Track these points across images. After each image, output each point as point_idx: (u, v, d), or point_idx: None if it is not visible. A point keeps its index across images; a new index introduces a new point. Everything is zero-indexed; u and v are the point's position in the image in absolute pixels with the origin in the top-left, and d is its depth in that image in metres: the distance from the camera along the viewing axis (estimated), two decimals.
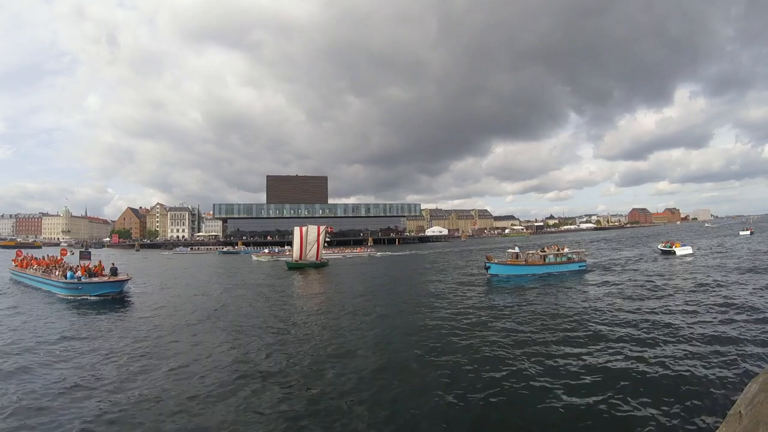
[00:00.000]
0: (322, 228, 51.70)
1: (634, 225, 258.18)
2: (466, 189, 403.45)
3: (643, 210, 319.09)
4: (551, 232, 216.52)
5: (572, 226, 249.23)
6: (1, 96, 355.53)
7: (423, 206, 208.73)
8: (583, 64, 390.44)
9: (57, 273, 29.00)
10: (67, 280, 26.60)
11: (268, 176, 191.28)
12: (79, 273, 27.01)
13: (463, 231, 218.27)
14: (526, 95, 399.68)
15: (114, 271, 28.07)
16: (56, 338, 15.97)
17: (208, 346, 14.23)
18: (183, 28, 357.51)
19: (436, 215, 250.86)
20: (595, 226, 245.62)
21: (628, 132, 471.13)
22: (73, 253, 36.45)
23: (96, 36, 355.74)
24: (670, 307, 18.23)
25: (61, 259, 33.69)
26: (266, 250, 77.92)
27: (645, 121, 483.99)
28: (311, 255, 49.50)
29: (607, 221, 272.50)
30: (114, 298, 25.58)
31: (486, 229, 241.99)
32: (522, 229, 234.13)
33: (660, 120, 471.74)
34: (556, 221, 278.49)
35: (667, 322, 15.52)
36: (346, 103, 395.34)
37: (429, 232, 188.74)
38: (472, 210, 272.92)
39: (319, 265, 48.65)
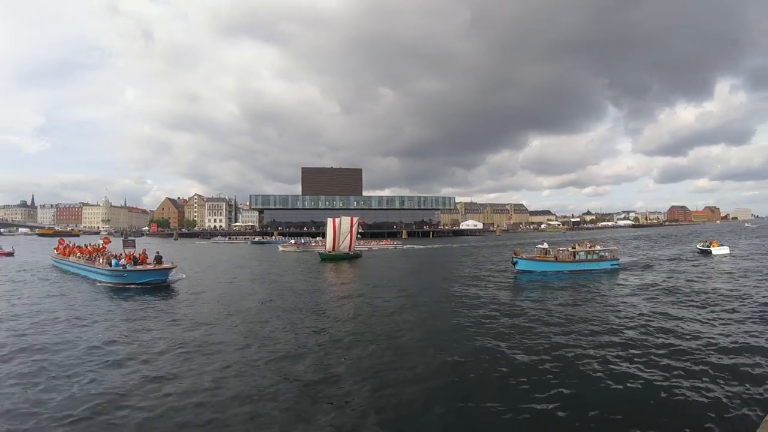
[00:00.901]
0: (355, 220, 51.65)
1: (673, 223, 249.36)
2: (501, 182, 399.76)
3: (682, 208, 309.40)
4: (588, 229, 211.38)
5: (609, 223, 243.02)
6: (39, 90, 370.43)
7: (457, 200, 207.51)
8: (619, 56, 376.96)
9: (101, 261, 29.34)
10: (112, 268, 26.67)
11: (303, 168, 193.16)
12: (123, 261, 27.03)
13: (498, 225, 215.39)
14: (561, 87, 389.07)
15: (159, 260, 28.30)
16: (105, 325, 16.20)
17: (259, 336, 14.29)
18: (216, 22, 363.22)
19: (471, 209, 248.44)
20: (633, 223, 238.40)
21: (667, 126, 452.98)
22: (109, 242, 36.50)
23: (130, 31, 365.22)
24: (701, 311, 17.09)
25: (104, 247, 34.19)
26: (292, 241, 78.64)
27: (684, 115, 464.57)
28: (344, 246, 49.54)
29: (646, 218, 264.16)
30: (159, 286, 25.65)
31: (521, 223, 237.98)
32: (558, 225, 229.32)
33: (700, 114, 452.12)
34: (593, 217, 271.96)
35: (695, 328, 14.53)
36: (379, 94, 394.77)
37: (463, 225, 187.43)
38: (508, 204, 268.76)
39: (352, 257, 48.65)
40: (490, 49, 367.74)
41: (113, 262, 27.16)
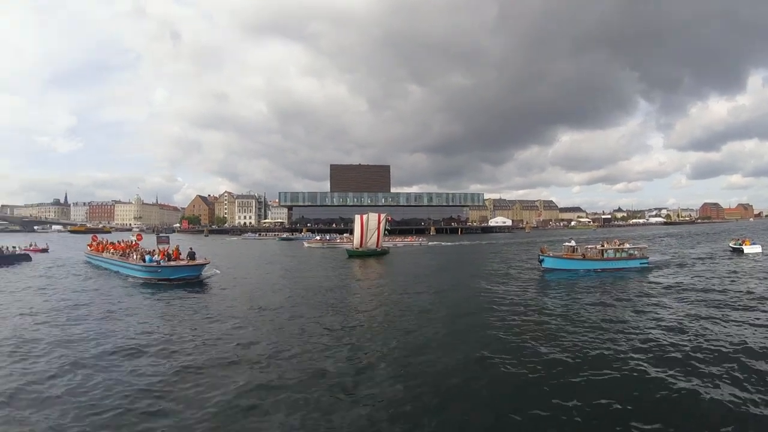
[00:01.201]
0: (382, 216, 51.87)
1: (705, 221, 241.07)
2: (530, 179, 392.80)
3: (715, 205, 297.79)
4: (619, 226, 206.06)
5: (641, 220, 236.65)
6: (70, 92, 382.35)
7: (486, 196, 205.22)
8: (650, 49, 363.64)
9: (135, 257, 29.81)
10: (147, 264, 27.08)
11: (331, 165, 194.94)
12: (157, 257, 27.57)
13: (527, 222, 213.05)
14: (591, 81, 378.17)
15: (192, 255, 28.53)
16: (139, 318, 16.74)
17: (291, 331, 14.54)
18: (242, 21, 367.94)
19: (500, 205, 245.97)
20: (664, 220, 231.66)
21: (699, 120, 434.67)
22: (142, 239, 37.61)
23: (158, 33, 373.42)
24: (733, 312, 16.38)
25: (137, 243, 34.62)
26: (317, 237, 79.14)
27: (717, 108, 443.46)
28: (371, 243, 49.84)
29: (678, 216, 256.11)
30: (192, 282, 25.95)
31: (551, 220, 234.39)
32: (588, 222, 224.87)
33: (732, 108, 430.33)
34: (624, 214, 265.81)
35: (727, 330, 13.92)
36: (407, 91, 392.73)
37: (492, 222, 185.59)
38: (537, 201, 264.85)
39: (380, 253, 49.00)
40: (518, 43, 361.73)
41: (147, 258, 27.64)
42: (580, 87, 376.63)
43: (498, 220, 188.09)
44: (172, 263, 27.33)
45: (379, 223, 50.57)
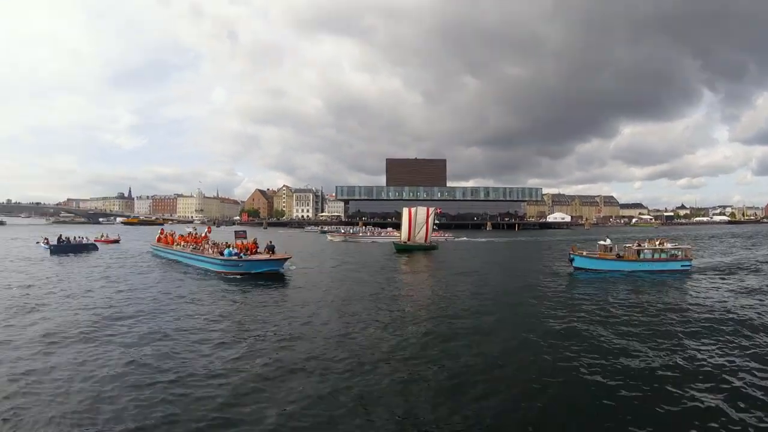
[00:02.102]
0: (431, 209, 50.41)
1: None
2: (590, 173, 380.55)
3: None
4: (682, 224, 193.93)
5: (704, 218, 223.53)
6: (133, 91, 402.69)
7: (544, 191, 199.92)
8: (713, 34, 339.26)
9: (211, 250, 29.71)
10: (226, 258, 26.91)
11: (387, 159, 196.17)
12: (235, 250, 27.54)
13: (586, 219, 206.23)
14: (652, 70, 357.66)
15: (272, 249, 28.74)
16: (225, 310, 17.20)
17: (375, 328, 14.62)
18: (296, 19, 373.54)
19: (559, 201, 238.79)
20: (728, 219, 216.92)
21: (765, 112, 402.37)
22: (196, 229, 39.30)
23: (216, 32, 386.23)
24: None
25: (206, 236, 35.09)
26: (342, 230, 78.94)
27: None
28: (420, 237, 48.69)
29: (743, 214, 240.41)
30: (272, 275, 25.86)
31: (611, 217, 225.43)
32: (650, 219, 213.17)
33: None
34: (688, 212, 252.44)
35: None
36: (462, 83, 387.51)
37: (550, 218, 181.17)
38: (597, 196, 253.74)
39: (428, 248, 47.92)
40: (576, 30, 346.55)
41: (227, 251, 27.42)
42: (641, 76, 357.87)
43: (556, 216, 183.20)
44: (255, 257, 27.51)
45: (427, 216, 49.05)
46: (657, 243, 29.62)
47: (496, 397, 9.07)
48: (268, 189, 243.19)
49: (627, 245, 29.71)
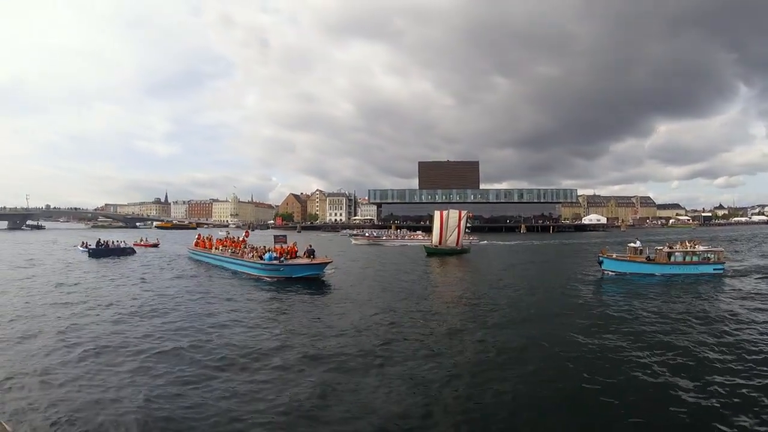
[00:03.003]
0: (463, 213, 49.96)
1: None
2: (626, 173, 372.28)
3: None
4: (719, 224, 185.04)
5: (742, 218, 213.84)
6: (167, 100, 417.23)
7: (579, 192, 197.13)
8: (746, 26, 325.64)
9: (251, 254, 29.92)
10: (267, 262, 27.07)
11: (419, 162, 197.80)
12: (275, 254, 27.65)
13: (622, 220, 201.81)
14: (687, 65, 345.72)
15: (312, 253, 28.90)
16: (275, 317, 17.26)
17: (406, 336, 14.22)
18: (325, 24, 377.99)
19: (594, 202, 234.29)
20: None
21: None
22: (229, 233, 40.41)
23: (247, 40, 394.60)
24: None
25: (244, 240, 35.39)
26: (366, 233, 78.67)
27: None
28: (451, 241, 48.27)
29: None
30: (313, 280, 26.01)
31: (648, 218, 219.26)
32: (687, 220, 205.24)
33: None
34: (726, 212, 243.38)
35: None
36: (493, 84, 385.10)
37: (585, 220, 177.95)
38: (633, 197, 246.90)
39: (459, 252, 47.60)
40: (607, 27, 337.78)
41: (267, 255, 27.58)
42: (675, 72, 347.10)
43: (592, 218, 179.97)
44: (296, 261, 27.62)
45: (459, 220, 48.57)
46: (689, 245, 29.13)
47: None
48: (301, 193, 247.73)
49: (658, 248, 29.29)
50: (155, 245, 57.20)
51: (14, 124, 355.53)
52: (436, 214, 49.46)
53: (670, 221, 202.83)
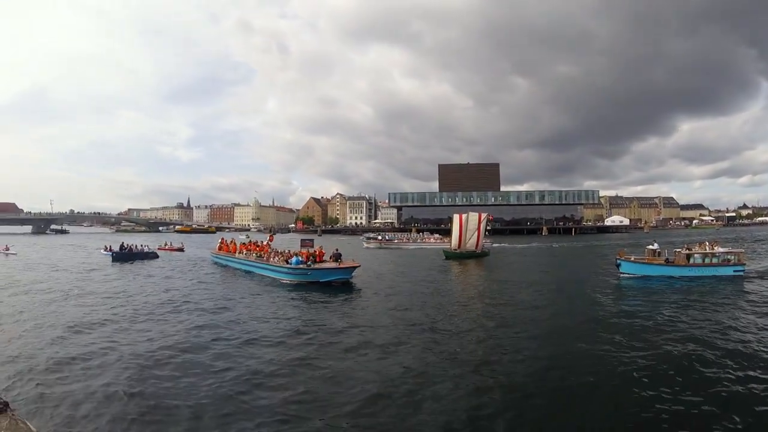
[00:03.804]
0: (483, 216, 49.20)
1: None
2: (648, 173, 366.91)
3: None
4: (744, 225, 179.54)
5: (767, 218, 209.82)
6: (189, 106, 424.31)
7: (601, 193, 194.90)
8: (767, 21, 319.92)
9: (276, 258, 30.05)
10: (294, 266, 26.89)
11: (439, 165, 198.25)
12: (301, 258, 27.50)
13: (645, 221, 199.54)
14: (707, 61, 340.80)
15: (338, 257, 29.05)
16: (304, 320, 17.15)
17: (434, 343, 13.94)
18: (344, 29, 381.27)
19: (616, 203, 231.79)
20: None
21: None
22: (249, 237, 40.70)
23: (266, 46, 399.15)
24: None
25: (269, 244, 34.81)
26: (378, 237, 77.97)
27: None
28: (471, 244, 47.52)
29: None
30: (342, 283, 25.94)
31: (671, 219, 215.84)
32: (711, 220, 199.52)
33: None
34: (750, 211, 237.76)
35: None
36: (513, 85, 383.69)
37: (608, 221, 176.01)
38: (656, 198, 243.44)
39: (479, 255, 46.70)
40: (627, 24, 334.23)
41: (294, 260, 27.43)
42: (696, 69, 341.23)
43: (614, 219, 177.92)
44: (323, 266, 27.59)
45: (479, 223, 47.79)
46: (708, 247, 28.64)
47: None
48: (322, 197, 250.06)
49: (677, 250, 29.02)
50: (180, 249, 57.34)
51: (38, 133, 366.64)
52: (455, 217, 48.90)
53: (694, 222, 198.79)
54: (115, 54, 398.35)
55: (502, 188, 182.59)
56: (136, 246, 46.60)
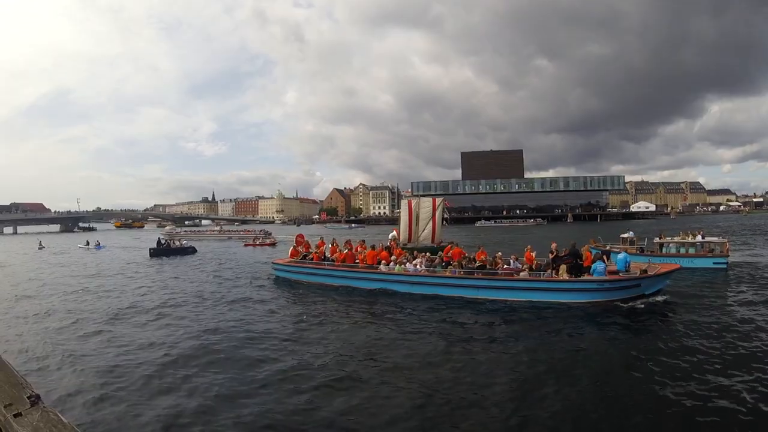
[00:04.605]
0: (438, 201, 35.62)
1: None
2: (676, 157, 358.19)
3: None
4: None
5: None
6: (211, 101, 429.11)
7: (627, 178, 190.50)
8: None
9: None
10: (599, 278, 17.07)
11: (462, 152, 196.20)
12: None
13: (672, 207, 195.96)
14: (736, 40, 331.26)
15: (601, 257, 23.92)
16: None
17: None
18: (361, 14, 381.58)
19: (642, 189, 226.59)
20: None
21: None
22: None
23: (283, 36, 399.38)
24: None
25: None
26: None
27: None
28: (425, 237, 34.64)
29: None
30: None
31: (698, 205, 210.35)
32: (739, 206, 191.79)
33: None
34: None
35: None
36: (539, 67, 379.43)
37: (634, 207, 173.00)
38: (683, 183, 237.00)
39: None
40: (656, 3, 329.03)
41: (596, 267, 14.31)
42: (726, 47, 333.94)
43: (640, 205, 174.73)
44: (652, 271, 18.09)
45: (434, 210, 34.49)
46: (689, 236, 26.38)
47: None
48: (345, 188, 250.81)
49: (655, 239, 26.64)
50: (272, 244, 50.60)
51: (63, 134, 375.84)
52: (403, 204, 37.08)
53: (721, 207, 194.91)
54: (135, 52, 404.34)
55: (527, 175, 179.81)
56: (173, 241, 46.70)
